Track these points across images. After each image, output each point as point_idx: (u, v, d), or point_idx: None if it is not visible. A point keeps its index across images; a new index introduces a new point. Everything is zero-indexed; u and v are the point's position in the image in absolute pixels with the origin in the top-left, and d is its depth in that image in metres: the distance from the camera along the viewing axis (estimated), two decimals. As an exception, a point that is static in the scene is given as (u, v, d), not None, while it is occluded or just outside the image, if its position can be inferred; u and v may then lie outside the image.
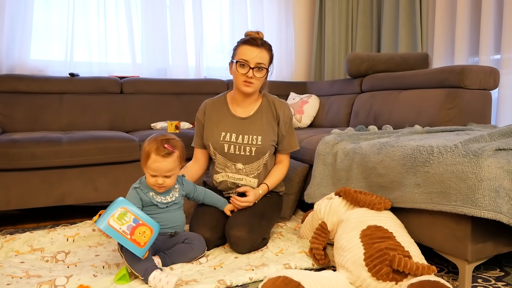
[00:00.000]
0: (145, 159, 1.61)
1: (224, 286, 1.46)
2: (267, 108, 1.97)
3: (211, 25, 3.53)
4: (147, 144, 1.62)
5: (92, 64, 3.12)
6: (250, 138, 1.92)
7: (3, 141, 2.12)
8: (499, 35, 2.70)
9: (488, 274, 1.61)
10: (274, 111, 1.97)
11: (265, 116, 1.96)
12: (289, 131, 2.00)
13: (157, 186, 1.62)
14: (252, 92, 1.88)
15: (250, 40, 1.84)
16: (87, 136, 2.33)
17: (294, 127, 3.15)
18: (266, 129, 1.94)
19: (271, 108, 1.97)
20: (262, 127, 1.94)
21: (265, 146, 1.92)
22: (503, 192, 1.33)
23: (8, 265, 1.62)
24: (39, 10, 2.98)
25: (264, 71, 1.87)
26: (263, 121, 1.95)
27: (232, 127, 1.94)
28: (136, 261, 1.46)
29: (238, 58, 1.84)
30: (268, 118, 1.96)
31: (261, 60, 1.83)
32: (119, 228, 1.41)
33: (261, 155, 1.93)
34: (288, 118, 1.99)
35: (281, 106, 1.98)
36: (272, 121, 1.97)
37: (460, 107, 2.17)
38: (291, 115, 2.01)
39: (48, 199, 2.21)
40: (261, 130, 1.93)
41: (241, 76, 1.84)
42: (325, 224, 1.70)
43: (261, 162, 1.94)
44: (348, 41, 3.77)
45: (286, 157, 2.04)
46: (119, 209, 1.44)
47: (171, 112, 3.08)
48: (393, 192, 1.62)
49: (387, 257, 1.32)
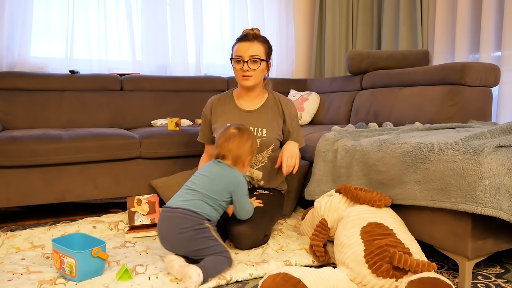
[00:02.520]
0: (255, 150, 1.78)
1: (225, 281, 1.47)
2: (273, 103, 2.04)
3: (211, 22, 3.52)
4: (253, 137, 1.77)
5: (92, 61, 3.12)
6: (255, 130, 1.96)
7: (4, 138, 2.12)
8: (499, 32, 2.69)
9: (488, 271, 1.61)
10: (280, 107, 2.03)
11: (270, 110, 2.01)
12: (296, 128, 2.06)
13: None
14: (252, 85, 1.94)
15: (242, 37, 1.94)
16: (87, 133, 2.33)
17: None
18: (271, 123, 1.99)
19: (277, 104, 2.04)
20: (268, 120, 1.98)
21: (270, 139, 1.96)
22: (503, 189, 1.33)
23: (9, 262, 1.63)
24: (39, 7, 2.97)
25: (259, 62, 1.91)
26: (269, 115, 1.99)
27: (237, 119, 1.98)
28: None
29: (234, 56, 1.93)
30: (273, 113, 2.01)
31: (254, 52, 1.89)
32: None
33: (265, 147, 1.96)
34: (294, 115, 2.05)
35: (287, 104, 2.05)
36: (278, 117, 2.02)
37: (461, 104, 2.17)
38: (296, 113, 2.08)
39: (49, 196, 2.22)
40: (266, 123, 1.97)
41: (238, 72, 1.94)
42: (325, 221, 1.70)
43: (265, 154, 1.97)
44: (349, 38, 3.76)
45: None
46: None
47: (171, 109, 3.08)
48: (393, 189, 1.62)
49: (387, 254, 1.33)
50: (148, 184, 2.41)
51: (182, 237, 1.51)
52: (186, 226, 1.51)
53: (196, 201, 1.57)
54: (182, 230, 1.51)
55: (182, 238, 1.51)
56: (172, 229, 1.53)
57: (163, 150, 2.43)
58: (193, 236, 1.51)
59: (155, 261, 1.63)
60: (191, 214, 1.54)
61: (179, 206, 1.56)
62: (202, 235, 1.52)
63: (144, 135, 2.45)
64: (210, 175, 1.65)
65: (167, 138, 2.46)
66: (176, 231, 1.52)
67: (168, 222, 1.55)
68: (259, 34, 1.96)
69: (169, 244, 1.57)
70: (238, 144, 1.70)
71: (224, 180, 1.64)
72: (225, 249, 1.54)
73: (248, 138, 1.73)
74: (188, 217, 1.53)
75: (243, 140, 1.72)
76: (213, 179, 1.64)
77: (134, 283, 1.44)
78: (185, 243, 1.51)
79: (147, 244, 1.85)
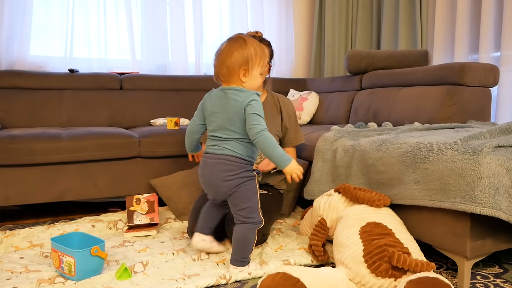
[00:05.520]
0: (261, 57, 1.53)
1: (224, 281, 1.47)
2: (272, 102, 2.07)
3: (211, 21, 3.52)
4: (255, 44, 1.53)
5: (92, 60, 3.11)
6: None
7: (3, 137, 2.12)
8: (499, 32, 2.70)
9: (487, 271, 1.62)
10: (278, 105, 2.07)
11: (269, 109, 2.03)
12: (294, 124, 2.09)
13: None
14: None
15: None
16: (87, 132, 2.33)
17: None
18: (270, 120, 2.01)
19: (275, 102, 2.08)
20: (267, 117, 1.97)
21: None
22: (502, 189, 1.33)
23: (7, 261, 1.63)
24: (38, 6, 2.97)
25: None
26: (267, 113, 2.01)
27: None
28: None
29: None
30: (272, 111, 2.05)
31: None
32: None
33: None
34: (292, 113, 2.08)
35: (285, 102, 2.09)
36: (276, 114, 2.05)
37: (460, 104, 2.17)
38: (294, 111, 2.11)
39: (48, 195, 2.22)
40: (266, 120, 1.95)
41: None
42: (324, 220, 1.70)
43: None
44: (348, 38, 3.76)
45: (292, 151, 2.11)
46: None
47: (170, 109, 3.08)
48: (392, 189, 1.62)
49: (386, 253, 1.33)
50: (147, 183, 2.41)
51: (228, 184, 1.50)
52: (233, 174, 1.50)
53: (231, 143, 1.50)
54: (228, 178, 1.49)
55: (228, 185, 1.50)
56: (218, 176, 1.50)
57: (162, 149, 2.43)
58: (239, 184, 1.50)
59: (154, 260, 1.63)
60: (235, 160, 1.50)
61: (223, 153, 1.50)
62: (247, 186, 1.51)
63: (143, 134, 2.45)
64: (221, 110, 1.55)
65: (166, 137, 2.46)
66: (222, 178, 1.50)
67: (212, 168, 1.52)
68: (263, 37, 1.99)
69: (213, 191, 1.57)
70: (227, 52, 1.53)
71: (233, 109, 1.52)
72: (258, 213, 1.54)
73: (241, 42, 1.54)
74: (234, 164, 1.50)
75: (235, 45, 1.53)
76: (226, 114, 1.52)
77: (133, 282, 1.44)
78: (231, 189, 1.51)
79: (146, 243, 1.85)
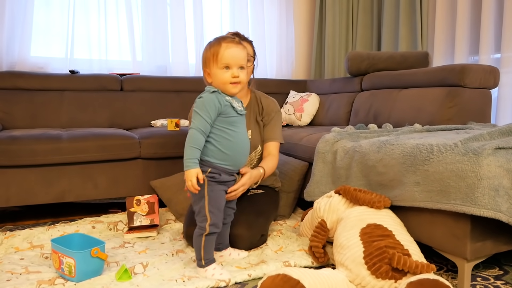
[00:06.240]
0: (213, 55, 1.50)
1: (224, 283, 1.46)
2: (255, 103, 2.00)
3: (211, 23, 3.52)
4: (210, 44, 1.53)
5: (92, 61, 3.12)
6: None
7: (3, 138, 2.12)
8: (499, 34, 2.70)
9: (487, 272, 1.62)
10: (260, 105, 1.99)
11: (253, 111, 1.98)
12: (272, 122, 1.97)
13: (232, 83, 1.51)
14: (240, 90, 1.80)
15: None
16: (87, 133, 2.33)
17: (294, 125, 3.18)
18: (255, 124, 1.97)
19: (257, 103, 2.00)
20: (251, 122, 1.96)
21: (255, 140, 1.94)
22: (502, 191, 1.33)
23: (7, 262, 1.63)
24: (39, 7, 2.97)
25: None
26: (251, 117, 1.97)
27: None
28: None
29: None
30: (255, 113, 1.98)
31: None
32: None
33: (252, 149, 1.94)
34: (271, 111, 1.98)
35: (267, 101, 2.00)
36: (258, 116, 1.99)
37: (460, 106, 2.17)
38: (276, 109, 2.00)
39: (48, 196, 2.22)
40: (250, 125, 1.95)
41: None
42: (324, 222, 1.70)
43: (253, 156, 1.96)
44: (349, 40, 3.77)
45: (274, 148, 1.97)
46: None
47: (171, 110, 3.08)
48: (392, 191, 1.62)
49: (387, 255, 1.33)
50: (147, 185, 2.41)
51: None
52: None
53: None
54: None
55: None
56: None
57: (162, 151, 2.43)
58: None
59: (154, 261, 1.62)
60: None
61: None
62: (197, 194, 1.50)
63: (143, 135, 2.45)
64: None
65: (166, 138, 2.46)
66: None
67: None
68: (244, 36, 1.92)
69: None
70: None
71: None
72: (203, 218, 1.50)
73: (217, 40, 1.52)
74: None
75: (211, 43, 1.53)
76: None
77: (133, 284, 1.44)
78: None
79: (146, 245, 1.85)
